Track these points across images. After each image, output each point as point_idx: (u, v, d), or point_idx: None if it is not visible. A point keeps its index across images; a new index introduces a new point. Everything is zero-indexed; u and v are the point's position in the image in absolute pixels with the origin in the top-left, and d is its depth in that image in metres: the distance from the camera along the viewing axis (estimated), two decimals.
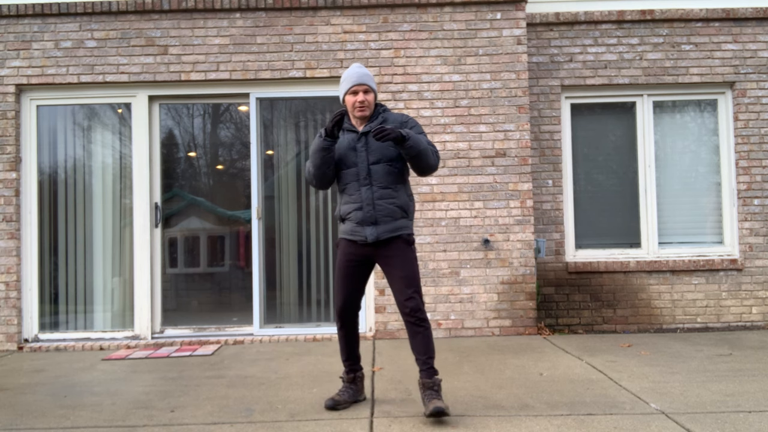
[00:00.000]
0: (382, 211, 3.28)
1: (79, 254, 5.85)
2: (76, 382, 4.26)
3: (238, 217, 5.95)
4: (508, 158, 5.72)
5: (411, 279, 3.26)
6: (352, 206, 3.33)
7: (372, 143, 3.32)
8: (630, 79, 6.17)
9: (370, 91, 3.35)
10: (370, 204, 3.28)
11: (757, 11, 6.13)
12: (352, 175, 3.33)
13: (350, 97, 3.36)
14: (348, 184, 3.35)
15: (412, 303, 3.23)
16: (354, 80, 3.32)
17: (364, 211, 3.29)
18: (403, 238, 3.31)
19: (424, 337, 3.24)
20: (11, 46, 5.75)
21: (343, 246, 3.41)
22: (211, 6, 5.71)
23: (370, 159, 3.30)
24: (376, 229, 3.28)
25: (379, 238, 3.28)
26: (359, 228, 3.31)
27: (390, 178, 3.32)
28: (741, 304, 6.08)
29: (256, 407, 3.51)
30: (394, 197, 3.32)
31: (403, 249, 3.30)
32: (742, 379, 3.94)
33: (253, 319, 5.74)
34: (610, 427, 3.04)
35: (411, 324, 3.25)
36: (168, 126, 5.97)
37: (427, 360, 3.24)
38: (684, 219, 6.26)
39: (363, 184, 3.30)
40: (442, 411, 3.05)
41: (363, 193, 3.30)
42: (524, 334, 5.63)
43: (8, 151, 5.69)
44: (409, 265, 3.28)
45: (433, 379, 3.22)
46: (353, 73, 3.35)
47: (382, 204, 3.29)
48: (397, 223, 3.31)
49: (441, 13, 5.76)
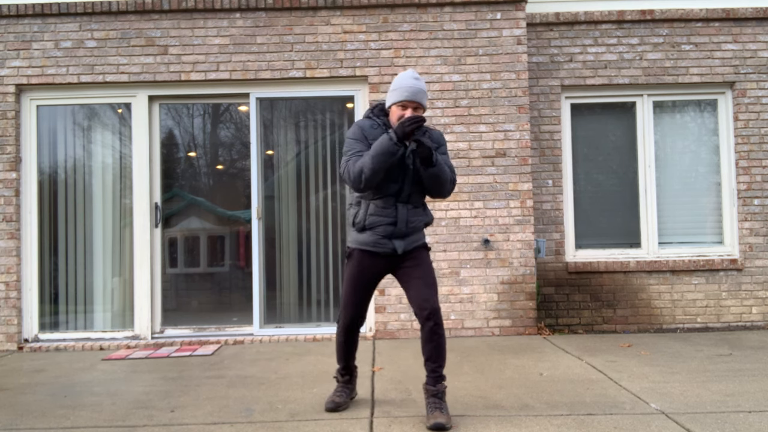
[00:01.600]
0: (413, 227, 3.27)
1: (79, 254, 5.85)
2: (76, 382, 4.26)
3: (238, 217, 5.95)
4: (508, 158, 5.72)
5: (432, 282, 3.25)
6: (383, 219, 3.22)
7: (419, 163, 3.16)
8: (630, 79, 6.17)
9: (419, 108, 3.16)
10: (404, 221, 3.23)
11: (757, 11, 6.13)
12: (393, 190, 3.20)
13: (398, 110, 3.16)
14: (383, 197, 3.21)
15: (431, 305, 3.14)
16: (407, 95, 3.12)
17: (397, 227, 3.22)
18: (423, 246, 3.34)
19: (438, 344, 3.15)
20: (11, 46, 5.75)
21: (360, 257, 3.28)
22: (211, 6, 5.71)
23: (415, 179, 3.21)
24: (404, 242, 3.25)
25: (406, 249, 3.26)
26: (386, 241, 3.23)
27: (422, 199, 3.32)
28: (741, 304, 6.08)
29: (256, 407, 3.51)
30: (422, 216, 3.32)
31: (425, 257, 3.31)
32: (742, 379, 3.94)
33: (253, 319, 5.74)
34: (610, 427, 3.04)
35: (429, 329, 3.13)
36: (168, 126, 5.97)
37: (436, 368, 3.16)
38: (684, 219, 6.26)
39: (401, 201, 3.23)
40: (442, 427, 3.01)
41: (399, 211, 3.22)
42: (524, 334, 5.63)
43: (8, 151, 5.69)
44: (430, 270, 3.28)
45: (437, 387, 3.15)
46: (408, 86, 3.13)
47: (414, 222, 3.27)
48: (419, 234, 3.33)
49: (441, 13, 5.76)
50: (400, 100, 3.14)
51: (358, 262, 3.29)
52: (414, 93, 3.13)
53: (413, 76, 3.19)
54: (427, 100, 3.24)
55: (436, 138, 3.33)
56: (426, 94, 3.19)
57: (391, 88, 3.21)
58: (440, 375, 3.17)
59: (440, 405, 3.12)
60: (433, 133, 3.32)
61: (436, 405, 3.12)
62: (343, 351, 3.45)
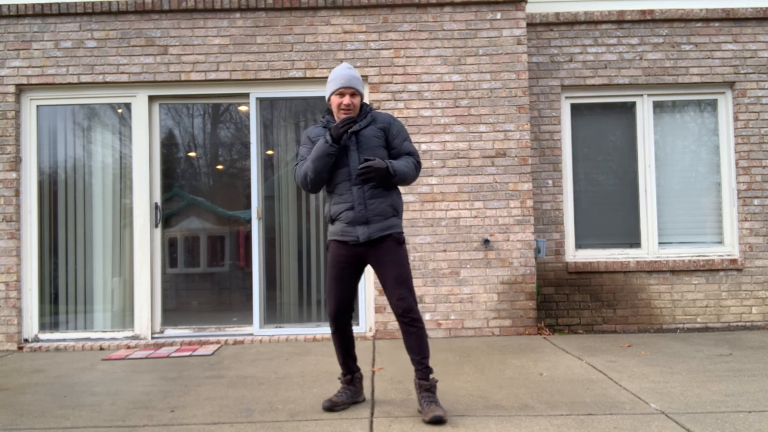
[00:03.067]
0: (374, 210, 3.27)
1: (79, 254, 5.85)
2: (76, 382, 4.26)
3: (238, 217, 5.95)
4: (508, 158, 5.72)
5: (403, 278, 3.25)
6: (343, 206, 3.30)
7: (362, 143, 3.30)
8: (630, 79, 6.17)
9: (357, 94, 3.32)
10: (362, 203, 3.26)
11: (757, 11, 6.13)
12: (344, 175, 3.30)
13: (336, 98, 3.32)
14: (338, 183, 3.32)
15: (404, 303, 3.21)
16: (341, 82, 3.28)
17: (355, 210, 3.26)
18: (393, 237, 3.30)
19: (417, 337, 3.23)
20: (11, 46, 5.75)
21: (334, 248, 3.37)
22: (211, 6, 5.71)
23: (362, 158, 3.27)
24: (368, 229, 3.27)
25: (370, 238, 3.27)
26: (350, 228, 3.29)
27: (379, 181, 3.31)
28: (741, 304, 6.08)
29: (256, 407, 3.51)
30: (385, 196, 3.31)
31: (394, 248, 3.29)
32: (742, 379, 3.94)
33: (253, 319, 5.74)
34: (610, 427, 3.04)
35: (404, 324, 3.24)
36: (168, 126, 5.97)
37: (421, 360, 3.23)
38: (684, 219, 6.26)
39: (354, 184, 3.28)
40: (441, 419, 3.07)
41: (354, 193, 3.27)
42: (524, 334, 5.63)
43: (8, 151, 5.69)
44: (400, 265, 3.27)
45: (430, 380, 3.23)
46: (341, 75, 3.30)
47: (374, 203, 3.27)
48: (388, 221, 3.30)
49: (441, 13, 5.76)
50: (337, 89, 3.30)
51: (332, 252, 3.39)
52: (348, 79, 3.28)
53: (346, 66, 3.36)
54: (362, 86, 3.38)
55: (386, 119, 3.39)
56: (360, 81, 3.35)
57: (328, 81, 3.38)
58: (427, 366, 3.24)
59: (434, 398, 3.20)
60: (380, 116, 3.40)
61: (430, 399, 3.19)
62: (337, 345, 3.47)
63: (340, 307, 3.38)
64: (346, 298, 3.38)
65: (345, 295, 3.38)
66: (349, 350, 3.48)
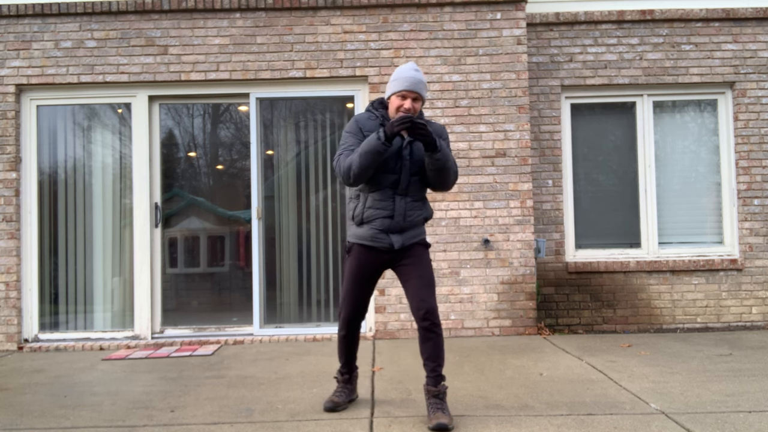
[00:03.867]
0: (411, 221, 3.24)
1: (79, 254, 5.85)
2: (76, 382, 4.26)
3: (238, 217, 5.95)
4: (508, 158, 5.72)
5: (430, 282, 3.22)
6: (380, 212, 3.20)
7: (415, 153, 3.19)
8: (630, 79, 6.17)
9: (419, 99, 3.17)
10: (402, 215, 3.21)
11: (757, 11, 6.13)
12: (390, 182, 3.18)
13: (397, 100, 3.17)
14: (381, 189, 3.19)
15: (428, 305, 3.14)
16: (407, 84, 3.13)
17: (395, 220, 3.20)
18: (422, 243, 3.30)
19: (435, 343, 3.15)
20: (11, 46, 5.75)
21: (359, 252, 3.27)
22: (211, 6, 5.71)
23: (412, 170, 3.19)
24: (402, 237, 3.23)
25: (404, 245, 3.24)
26: (383, 236, 3.22)
27: (422, 192, 3.29)
28: (741, 304, 6.08)
29: (256, 407, 3.51)
30: (422, 209, 3.29)
31: (423, 254, 3.28)
32: (742, 379, 3.94)
33: (253, 319, 5.74)
34: (610, 427, 3.04)
35: (425, 328, 3.14)
36: (168, 126, 5.97)
37: (435, 367, 3.15)
38: (684, 219, 6.26)
39: (399, 194, 3.20)
40: (444, 427, 3.00)
41: (397, 203, 3.20)
42: (524, 334, 5.63)
43: (8, 151, 5.69)
44: (428, 269, 3.25)
45: (439, 387, 3.15)
46: (408, 76, 3.14)
47: (413, 215, 3.24)
48: (419, 229, 3.30)
49: (441, 13, 5.76)
50: (399, 90, 3.15)
51: (357, 256, 3.28)
52: (413, 83, 3.14)
53: (413, 67, 3.20)
54: (426, 93, 3.24)
55: (439, 132, 3.30)
56: (425, 86, 3.20)
57: (391, 79, 3.22)
58: (440, 375, 3.16)
59: (442, 405, 3.12)
60: (434, 126, 3.30)
61: (437, 406, 3.11)
62: (343, 347, 3.44)
63: (356, 311, 3.34)
64: (363, 303, 3.35)
65: (363, 299, 3.34)
66: (354, 351, 3.48)
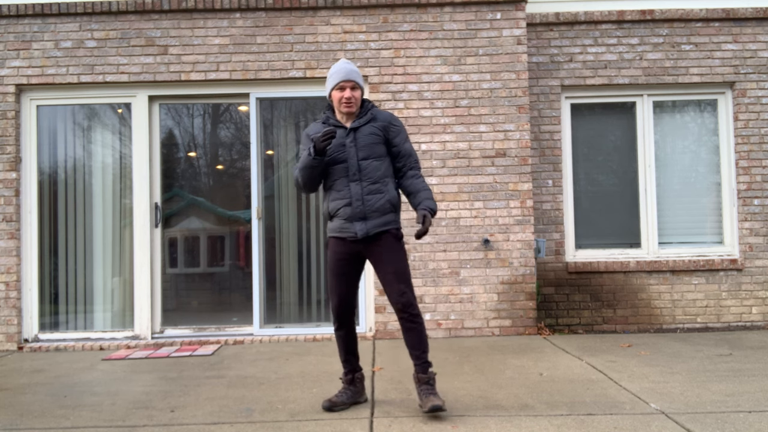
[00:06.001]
0: (372, 206, 3.29)
1: (79, 254, 5.85)
2: (76, 382, 4.26)
3: (238, 217, 5.95)
4: (508, 158, 5.72)
5: (401, 274, 3.28)
6: (340, 202, 3.31)
7: (360, 139, 3.31)
8: (630, 79, 6.17)
9: (357, 87, 3.34)
10: (360, 199, 3.28)
11: (757, 11, 6.13)
12: (341, 171, 3.31)
13: (337, 93, 3.33)
14: (336, 180, 3.33)
15: (404, 299, 3.25)
16: (341, 76, 3.30)
17: (353, 206, 3.28)
18: (391, 233, 3.32)
19: (417, 332, 3.27)
20: (11, 46, 5.75)
21: (333, 245, 3.39)
22: (211, 6, 5.71)
23: (360, 155, 3.30)
24: (366, 225, 3.28)
25: (368, 234, 3.28)
26: (348, 224, 3.30)
27: (379, 174, 3.32)
28: (741, 304, 6.08)
29: (256, 407, 3.51)
30: (383, 192, 3.32)
31: (393, 244, 3.31)
32: (742, 379, 3.94)
33: (253, 319, 5.74)
34: (610, 427, 3.04)
35: (404, 320, 3.28)
36: (168, 126, 5.97)
37: (420, 354, 3.28)
38: (684, 219, 6.26)
39: (352, 180, 3.29)
40: (439, 408, 3.12)
41: (352, 189, 3.29)
42: (524, 334, 5.63)
43: (8, 151, 5.69)
44: (399, 261, 3.29)
45: (428, 374, 3.27)
46: (340, 69, 3.32)
47: (372, 199, 3.29)
48: (385, 217, 3.32)
49: (441, 13, 5.76)
50: (337, 83, 3.31)
51: (331, 249, 3.40)
52: (347, 73, 3.30)
53: (344, 61, 3.39)
54: (362, 80, 3.40)
55: (386, 118, 3.40)
56: (360, 74, 3.37)
57: (327, 77, 3.39)
58: (426, 361, 3.28)
59: (433, 390, 3.24)
60: (380, 114, 3.40)
61: (429, 391, 3.23)
62: (340, 345, 3.48)
63: (342, 303, 3.40)
64: (347, 295, 3.40)
65: (346, 291, 3.39)
66: (352, 348, 3.49)
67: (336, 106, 3.37)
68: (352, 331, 3.47)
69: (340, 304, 3.40)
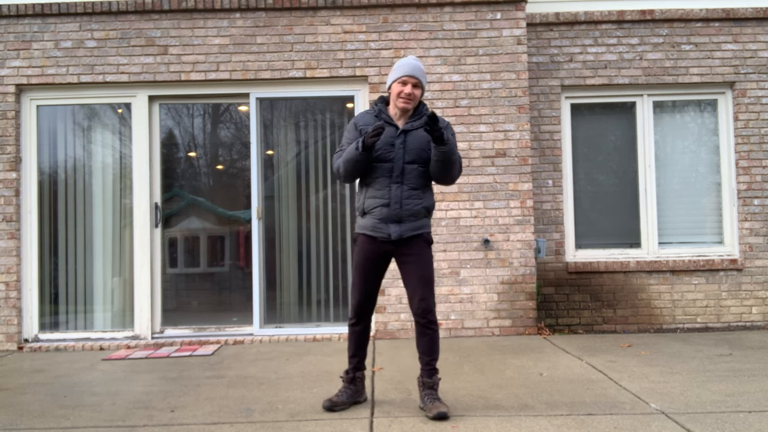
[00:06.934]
0: (409, 210, 3.27)
1: (79, 254, 5.85)
2: (76, 382, 4.26)
3: (238, 217, 5.95)
4: (508, 158, 5.72)
5: (427, 280, 3.29)
6: (378, 201, 3.28)
7: (410, 142, 3.28)
8: (630, 79, 6.17)
9: (419, 86, 3.28)
10: (398, 202, 3.26)
11: (757, 11, 6.13)
12: (385, 171, 3.27)
13: (398, 86, 3.27)
14: (378, 178, 3.28)
15: (425, 304, 3.26)
16: (407, 70, 3.25)
17: (390, 208, 3.26)
18: (423, 237, 3.33)
19: (431, 339, 3.29)
20: (11, 46, 5.75)
21: (363, 242, 3.36)
22: (211, 6, 5.71)
23: (406, 158, 3.26)
24: (400, 228, 3.27)
25: (402, 236, 3.27)
26: (382, 225, 3.28)
27: (421, 180, 3.31)
28: (741, 304, 6.08)
29: (256, 407, 3.51)
30: (422, 198, 3.32)
31: (423, 248, 3.32)
32: (742, 379, 3.94)
33: (253, 319, 5.74)
34: (610, 427, 3.04)
35: (421, 325, 3.29)
36: (168, 126, 5.97)
37: (430, 360, 3.30)
38: (684, 219, 6.26)
39: (395, 182, 3.27)
40: (445, 415, 3.15)
41: (393, 191, 3.26)
42: (524, 334, 5.63)
43: (8, 151, 5.69)
44: (427, 266, 3.30)
45: (434, 379, 3.32)
46: (407, 63, 3.28)
47: (410, 204, 3.28)
48: (419, 222, 3.32)
49: (441, 13, 5.76)
50: (400, 76, 3.27)
51: (361, 246, 3.37)
52: (413, 68, 3.26)
53: (413, 57, 3.39)
54: (426, 81, 3.35)
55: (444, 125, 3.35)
56: (425, 74, 3.32)
57: (392, 69, 3.34)
58: (434, 368, 3.32)
59: (437, 395, 3.29)
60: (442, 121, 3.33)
61: (434, 396, 3.27)
62: (351, 339, 3.47)
63: (364, 300, 3.40)
64: (370, 293, 3.40)
65: (370, 289, 3.39)
66: (363, 345, 3.50)
67: (393, 99, 3.32)
68: (367, 329, 3.48)
69: (363, 301, 3.39)
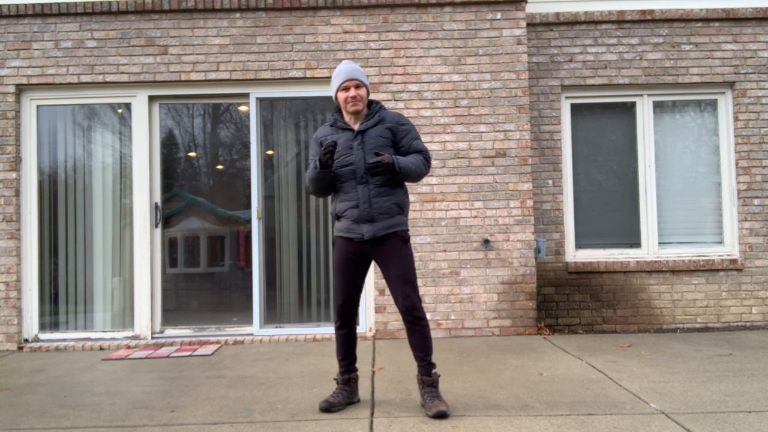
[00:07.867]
0: (379, 208, 3.30)
1: (79, 254, 5.85)
2: (76, 382, 4.26)
3: (238, 217, 5.95)
4: (508, 158, 5.72)
5: (407, 277, 3.30)
6: (348, 204, 3.34)
7: (367, 142, 3.33)
8: (630, 79, 6.17)
9: (361, 85, 3.36)
10: (367, 202, 3.30)
11: (757, 11, 6.13)
12: (349, 174, 3.33)
13: (342, 93, 3.36)
14: (344, 182, 3.35)
15: (409, 302, 3.28)
16: (345, 76, 3.33)
17: (360, 209, 3.30)
18: (398, 235, 3.34)
19: (421, 335, 3.30)
20: (11, 46, 5.75)
21: (339, 244, 3.41)
22: (211, 6, 5.71)
23: (367, 157, 3.31)
24: (373, 227, 3.30)
25: (375, 236, 3.30)
26: (355, 225, 3.32)
27: (386, 177, 3.33)
28: (741, 304, 6.08)
29: (256, 407, 3.51)
30: (390, 194, 3.34)
31: (399, 246, 3.33)
32: (742, 379, 3.94)
33: (253, 319, 5.74)
34: (610, 427, 3.04)
35: (408, 323, 3.31)
36: (168, 126, 5.97)
37: (424, 357, 3.31)
38: (684, 219, 6.26)
39: (360, 183, 3.32)
40: (444, 413, 3.17)
41: (360, 191, 3.31)
42: (524, 334, 5.63)
43: (8, 151, 5.69)
44: (405, 263, 3.31)
45: (432, 376, 3.32)
46: (343, 69, 3.36)
47: (379, 202, 3.31)
48: (392, 219, 3.33)
49: (441, 13, 5.76)
50: (341, 84, 3.35)
51: (338, 249, 3.42)
52: (349, 72, 3.34)
53: (346, 62, 3.44)
54: (366, 79, 3.41)
55: (394, 119, 3.41)
56: (363, 73, 3.39)
57: (331, 80, 3.42)
58: (430, 363, 3.33)
59: (437, 393, 3.30)
60: (388, 115, 3.41)
61: (433, 394, 3.28)
62: (339, 343, 3.49)
63: (346, 302, 3.42)
64: (351, 294, 3.42)
65: (351, 291, 3.41)
66: (351, 349, 3.50)
67: (342, 106, 3.39)
68: (352, 331, 3.48)
69: (344, 303, 3.42)
